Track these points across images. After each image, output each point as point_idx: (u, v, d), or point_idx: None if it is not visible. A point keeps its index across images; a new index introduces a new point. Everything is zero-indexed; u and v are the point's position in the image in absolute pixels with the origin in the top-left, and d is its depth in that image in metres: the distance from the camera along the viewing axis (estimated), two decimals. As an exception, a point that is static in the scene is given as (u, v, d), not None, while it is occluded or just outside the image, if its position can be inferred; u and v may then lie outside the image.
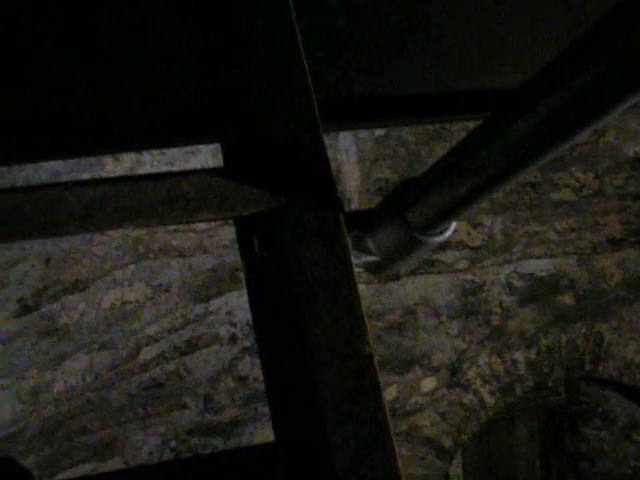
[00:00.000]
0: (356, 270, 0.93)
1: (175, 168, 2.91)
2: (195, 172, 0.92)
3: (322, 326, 0.90)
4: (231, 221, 1.00)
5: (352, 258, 0.91)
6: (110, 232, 2.64)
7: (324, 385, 0.87)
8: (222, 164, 1.08)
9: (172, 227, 3.05)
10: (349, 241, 0.92)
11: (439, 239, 0.97)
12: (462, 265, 4.13)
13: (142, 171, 2.79)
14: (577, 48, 0.68)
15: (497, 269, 4.29)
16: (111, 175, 2.74)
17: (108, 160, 2.69)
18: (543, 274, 4.42)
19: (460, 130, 3.63)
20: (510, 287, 4.34)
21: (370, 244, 1.01)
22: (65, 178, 2.61)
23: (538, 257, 4.43)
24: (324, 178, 0.97)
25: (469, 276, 4.19)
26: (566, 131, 0.71)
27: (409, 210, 0.94)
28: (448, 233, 0.97)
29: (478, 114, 1.83)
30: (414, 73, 1.66)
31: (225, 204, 0.86)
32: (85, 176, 2.57)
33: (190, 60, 1.24)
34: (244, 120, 1.06)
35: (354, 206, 3.61)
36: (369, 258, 1.02)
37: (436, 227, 0.95)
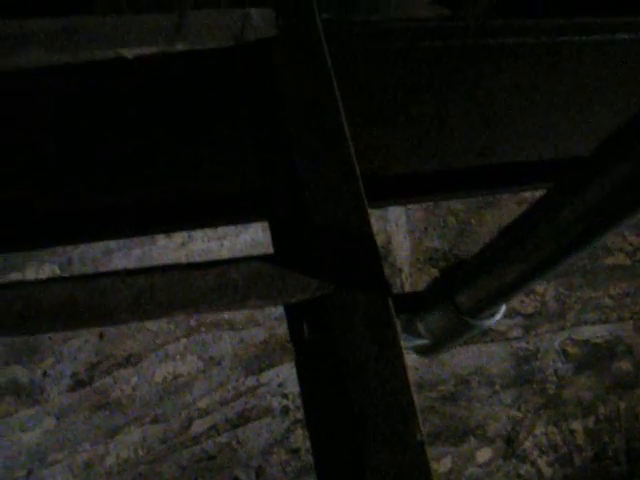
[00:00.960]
0: (406, 352, 0.93)
1: (226, 242, 2.94)
2: (244, 259, 0.93)
3: (373, 409, 0.89)
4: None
5: (402, 341, 0.91)
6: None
7: (373, 470, 0.86)
8: (271, 239, 1.09)
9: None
10: (398, 324, 0.91)
11: (489, 322, 0.96)
12: (515, 333, 4.07)
13: (193, 246, 2.82)
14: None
15: (551, 336, 4.22)
16: (162, 250, 2.78)
17: (160, 236, 2.73)
18: (599, 340, 4.33)
19: (510, 198, 3.62)
20: (565, 354, 4.26)
21: (420, 327, 1.01)
22: (118, 254, 2.65)
23: (593, 323, 4.35)
24: (372, 262, 0.97)
25: (523, 344, 4.12)
26: (620, 214, 0.71)
27: (458, 294, 0.94)
28: (499, 316, 0.96)
29: (527, 185, 1.83)
30: (461, 146, 1.66)
31: (273, 292, 0.87)
32: (137, 252, 2.61)
33: (243, 148, 1.27)
34: (292, 202, 1.07)
35: (405, 276, 3.59)
36: (419, 341, 1.01)
37: (486, 310, 0.95)
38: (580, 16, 1.73)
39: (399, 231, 3.65)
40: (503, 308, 0.96)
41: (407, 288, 3.66)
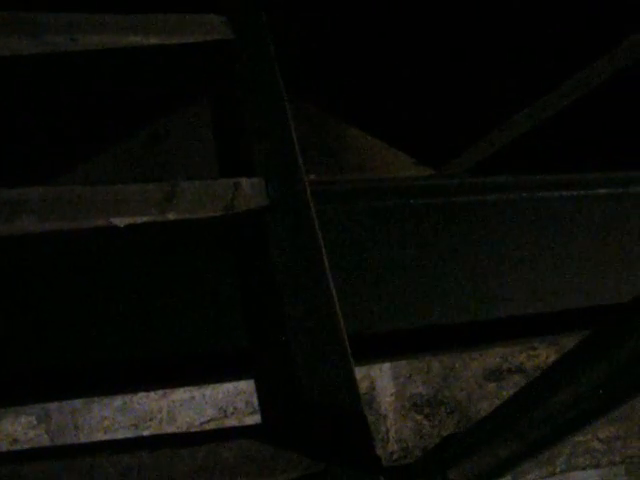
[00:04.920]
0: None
1: (208, 391, 2.89)
2: (234, 434, 0.91)
3: None
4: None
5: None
6: None
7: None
8: (257, 401, 1.07)
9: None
10: (390, 501, 0.89)
11: (481, 498, 0.94)
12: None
13: (175, 396, 2.77)
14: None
15: (541, 483, 4.12)
16: (144, 400, 2.72)
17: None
18: (590, 486, 4.24)
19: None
20: (556, 501, 4.15)
21: (412, 502, 0.98)
22: (98, 405, 2.60)
23: (584, 468, 4.26)
24: (361, 435, 0.96)
25: (509, 490, 4.03)
26: (611, 401, 0.70)
27: (450, 469, 0.92)
28: (492, 491, 0.94)
29: (516, 339, 1.83)
30: (447, 303, 1.67)
31: (264, 471, 0.85)
32: (118, 402, 2.55)
33: (231, 312, 1.27)
34: (280, 366, 1.06)
35: (389, 423, 3.53)
36: (412, 518, 0.98)
37: (479, 486, 0.93)
38: (567, 172, 1.78)
39: (383, 376, 3.61)
40: (497, 483, 0.94)
41: (392, 435, 3.59)
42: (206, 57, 1.31)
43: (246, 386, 3.15)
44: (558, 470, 4.17)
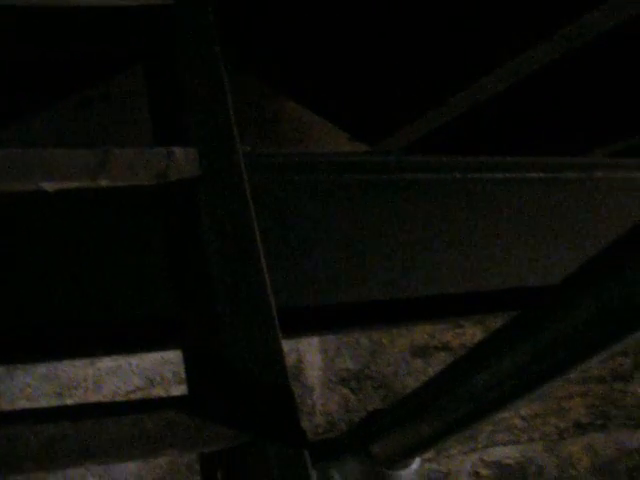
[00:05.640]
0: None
1: (135, 360, 2.87)
2: (160, 404, 0.90)
3: None
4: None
5: (317, 490, 0.89)
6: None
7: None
8: (185, 371, 1.07)
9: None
10: (314, 475, 0.90)
11: (404, 473, 0.96)
12: (426, 455, 4.06)
13: (101, 364, 2.75)
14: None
15: (462, 457, 4.22)
16: (69, 368, 2.70)
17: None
18: (510, 461, 4.35)
19: (422, 319, 3.66)
20: (477, 475, 4.25)
21: (335, 475, 0.99)
22: (22, 372, 2.56)
23: (504, 444, 4.37)
24: (288, 408, 0.96)
25: (434, 465, 4.11)
26: (534, 382, 0.72)
27: (374, 444, 0.94)
28: (414, 466, 0.96)
29: (442, 319, 1.86)
30: (375, 279, 1.69)
31: (188, 442, 0.85)
32: (42, 370, 2.52)
33: (159, 279, 1.26)
34: (208, 336, 1.06)
35: (316, 396, 3.57)
36: (335, 489, 0.99)
37: (401, 461, 0.94)
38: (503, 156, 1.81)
39: (311, 350, 3.64)
40: (418, 460, 0.96)
41: (318, 408, 3.62)
42: (144, 21, 1.29)
43: (174, 356, 3.14)
44: (480, 446, 4.27)
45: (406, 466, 0.96)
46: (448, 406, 0.78)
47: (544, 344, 0.65)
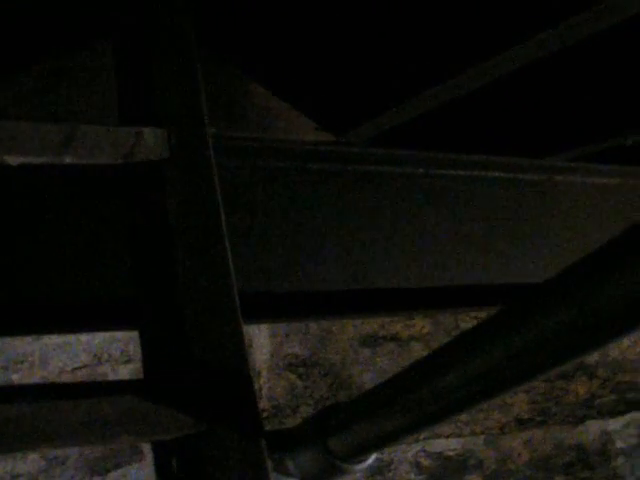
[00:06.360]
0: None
1: (83, 337, 2.83)
2: (116, 388, 0.89)
3: None
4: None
5: (272, 481, 0.89)
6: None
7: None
8: (141, 354, 1.06)
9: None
10: (270, 464, 0.90)
11: (359, 467, 0.96)
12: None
13: (49, 340, 2.71)
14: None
15: (405, 448, 4.25)
16: (17, 342, 2.65)
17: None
18: (451, 453, 4.40)
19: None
20: (418, 466, 4.29)
21: (291, 466, 0.99)
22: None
23: (447, 436, 4.42)
24: (246, 397, 0.96)
25: (377, 454, 4.14)
26: (499, 386, 0.72)
27: (331, 437, 0.94)
28: (369, 461, 0.96)
29: (400, 312, 1.87)
30: (335, 269, 1.69)
31: (145, 428, 0.84)
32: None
33: (120, 260, 1.24)
34: (167, 319, 1.05)
35: (263, 381, 3.56)
36: (289, 480, 1.00)
37: (358, 456, 0.94)
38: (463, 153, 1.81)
39: (260, 334, 3.64)
40: (374, 455, 0.96)
41: (264, 392, 3.62)
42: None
43: (122, 335, 3.11)
44: (423, 437, 4.31)
45: (363, 461, 0.96)
46: (413, 405, 0.78)
47: (516, 347, 0.66)
